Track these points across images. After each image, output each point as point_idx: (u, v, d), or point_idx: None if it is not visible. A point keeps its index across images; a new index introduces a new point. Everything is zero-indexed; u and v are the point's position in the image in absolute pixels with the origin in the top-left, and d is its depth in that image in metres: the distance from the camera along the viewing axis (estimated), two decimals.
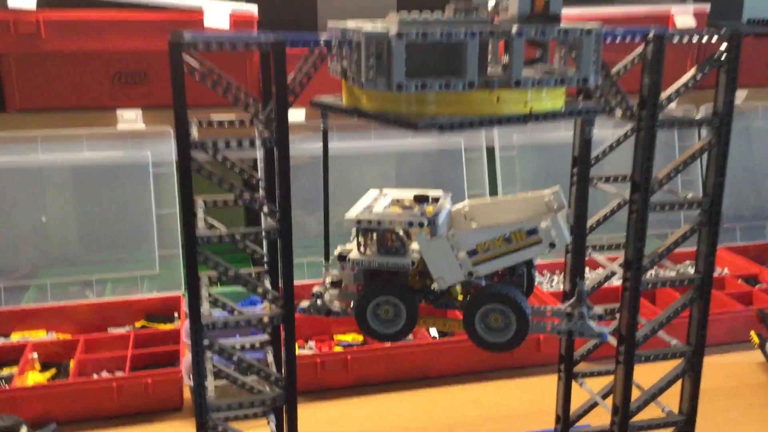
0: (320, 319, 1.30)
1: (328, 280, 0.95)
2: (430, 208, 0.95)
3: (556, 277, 1.79)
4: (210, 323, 0.84)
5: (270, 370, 0.88)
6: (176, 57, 0.75)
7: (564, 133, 1.90)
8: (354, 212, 0.90)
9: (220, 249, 1.71)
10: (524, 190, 1.82)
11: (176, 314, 1.57)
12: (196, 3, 1.59)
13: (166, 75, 0.75)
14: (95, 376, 1.33)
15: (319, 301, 0.93)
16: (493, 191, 1.86)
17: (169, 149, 1.66)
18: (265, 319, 0.85)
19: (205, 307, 0.90)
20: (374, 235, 0.91)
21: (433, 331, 1.52)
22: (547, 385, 1.38)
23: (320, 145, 0.92)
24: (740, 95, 1.98)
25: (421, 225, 0.87)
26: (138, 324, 1.55)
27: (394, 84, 0.76)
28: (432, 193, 0.97)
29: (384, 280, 0.91)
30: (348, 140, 1.78)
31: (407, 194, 0.97)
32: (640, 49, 0.95)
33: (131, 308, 1.56)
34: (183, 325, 1.43)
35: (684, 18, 1.82)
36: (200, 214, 0.91)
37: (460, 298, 0.94)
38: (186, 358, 1.32)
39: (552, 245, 0.87)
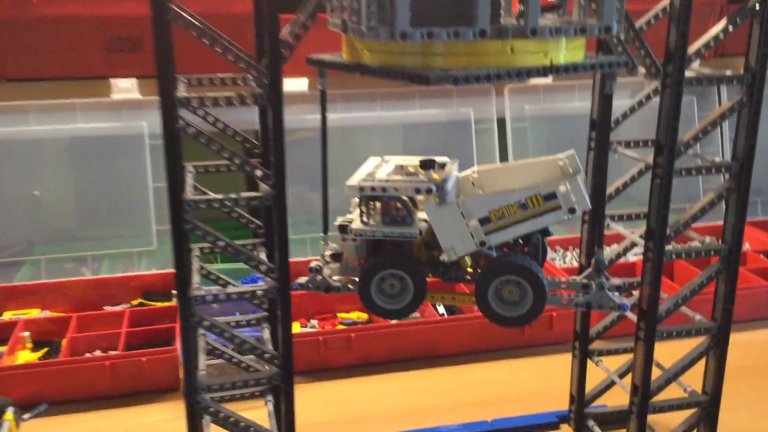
0: (323, 297, 1.24)
1: (327, 253, 0.88)
2: (436, 175, 0.88)
3: (569, 254, 1.72)
4: (198, 296, 0.78)
5: (264, 347, 0.81)
6: (160, 4, 0.68)
7: (578, 103, 1.82)
8: (356, 179, 0.83)
9: (221, 226, 1.66)
10: None
11: (174, 291, 1.50)
12: None
13: None
14: (88, 355, 1.28)
15: (318, 277, 0.86)
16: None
17: None
18: (259, 292, 0.79)
19: (195, 279, 0.84)
20: (377, 203, 0.84)
21: (441, 308, 1.45)
22: (560, 364, 1.31)
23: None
24: None
25: (428, 191, 0.80)
26: (135, 302, 1.49)
27: (398, 32, 0.69)
28: (438, 159, 0.90)
29: (389, 251, 0.85)
30: (352, 111, 1.71)
31: (411, 161, 0.91)
32: (663, 4, 0.87)
33: (128, 285, 1.50)
34: None
35: None
36: (189, 179, 0.85)
37: (470, 270, 0.88)
38: None
39: (572, 210, 0.80)
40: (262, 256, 0.94)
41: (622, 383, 1.05)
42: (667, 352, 1.00)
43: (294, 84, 1.61)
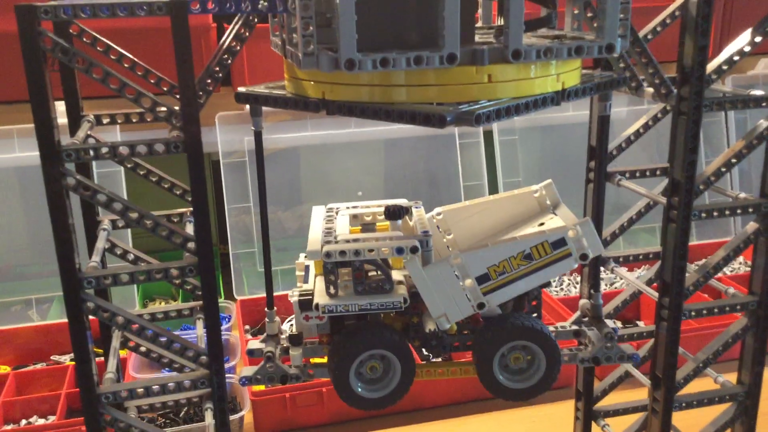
0: None
1: (277, 331, 0.72)
2: (408, 224, 0.73)
3: (566, 279, 1.57)
4: (109, 393, 0.62)
5: None
6: (29, 31, 0.52)
7: (571, 112, 1.67)
8: (316, 243, 0.67)
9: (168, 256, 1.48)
10: (527, 179, 1.58)
11: None
12: None
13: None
14: (23, 423, 1.12)
15: (268, 366, 0.69)
16: (492, 181, 1.63)
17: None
18: (186, 383, 0.63)
19: (111, 365, 0.68)
20: (346, 270, 0.68)
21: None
22: (558, 415, 1.17)
23: (297, 134, 0.70)
24: (765, 62, 1.74)
25: (413, 250, 0.65)
26: None
27: (343, 60, 0.54)
28: (394, 202, 0.75)
29: (360, 326, 0.68)
30: (327, 127, 1.56)
31: (366, 207, 0.77)
32: (675, 6, 0.73)
33: None
34: (131, 356, 1.21)
35: None
36: (101, 242, 0.69)
37: (453, 330, 0.72)
38: None
39: (584, 257, 0.67)
40: (200, 325, 0.78)
41: None
42: (682, 416, 0.85)
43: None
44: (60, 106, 1.42)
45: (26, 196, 1.51)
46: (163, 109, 0.58)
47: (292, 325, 0.72)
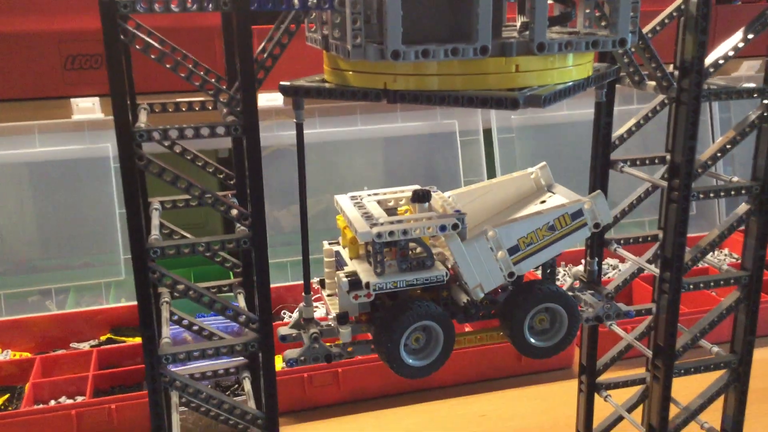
0: None
1: (312, 315, 0.77)
2: (432, 206, 0.80)
3: (560, 269, 1.64)
4: (169, 354, 0.68)
5: (247, 408, 0.72)
6: (110, 22, 0.59)
7: (566, 111, 1.75)
8: (363, 226, 0.71)
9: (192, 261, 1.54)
10: None
11: None
12: None
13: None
14: (53, 403, 1.17)
15: (315, 345, 0.74)
16: (491, 176, 1.70)
17: None
18: (239, 347, 0.70)
19: (165, 332, 0.75)
20: (392, 249, 0.72)
21: None
22: (560, 393, 1.24)
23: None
24: (750, 64, 1.83)
25: (455, 227, 0.71)
26: (103, 337, 1.38)
27: (389, 51, 0.60)
28: (407, 189, 0.82)
29: (406, 301, 0.73)
30: (331, 125, 1.62)
31: (386, 195, 0.82)
32: (673, 6, 0.80)
33: (96, 319, 1.40)
34: None
35: None
36: (155, 219, 0.75)
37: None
38: None
39: (597, 225, 0.76)
40: (240, 299, 0.84)
41: (633, 420, 0.97)
42: (677, 382, 0.92)
43: (267, 100, 1.51)
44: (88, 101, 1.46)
45: (39, 192, 1.56)
46: (224, 96, 0.65)
47: (300, 311, 0.77)
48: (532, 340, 0.76)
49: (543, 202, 0.85)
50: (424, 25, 0.64)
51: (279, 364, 1.30)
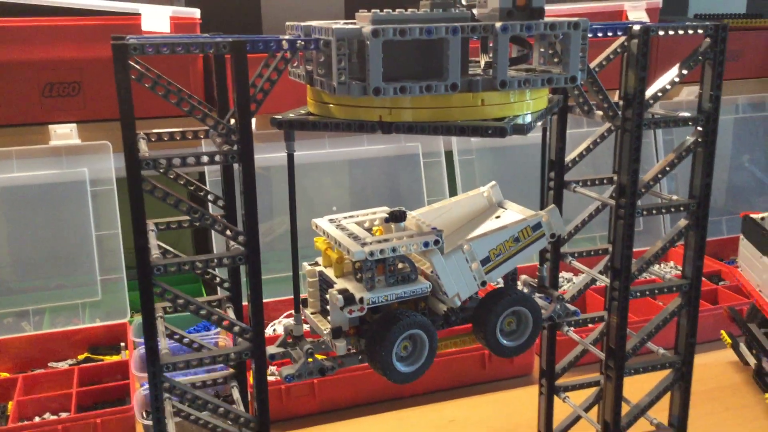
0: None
1: (303, 332, 0.83)
2: (411, 224, 0.88)
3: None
4: (170, 363, 0.74)
5: (239, 411, 0.78)
6: (122, 63, 0.65)
7: (518, 137, 1.85)
8: (355, 246, 0.77)
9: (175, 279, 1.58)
10: None
11: (122, 344, 1.45)
12: (132, 6, 1.48)
13: (101, 86, 0.67)
14: (37, 419, 1.21)
15: (309, 361, 0.80)
16: (453, 196, 1.79)
17: (107, 165, 1.54)
18: (233, 355, 0.76)
19: (162, 344, 0.80)
20: (378, 266, 0.78)
21: None
22: (522, 397, 1.32)
23: (269, 155, 0.81)
24: (690, 90, 1.97)
25: (436, 243, 0.79)
26: (81, 356, 1.42)
27: (371, 88, 0.68)
28: (379, 210, 0.90)
29: (394, 314, 0.79)
30: (300, 149, 1.68)
31: (362, 216, 0.89)
32: (617, 44, 0.90)
33: (73, 339, 1.44)
34: (132, 357, 1.31)
35: (637, 13, 1.80)
36: (153, 239, 0.81)
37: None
38: (137, 394, 1.21)
39: (553, 236, 0.86)
40: (230, 312, 0.91)
41: (589, 418, 1.06)
42: (628, 383, 1.01)
43: None
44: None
45: (16, 215, 1.58)
46: (222, 126, 0.72)
47: (274, 329, 0.84)
48: (503, 341, 0.84)
49: (498, 217, 0.94)
50: (401, 65, 0.72)
51: None
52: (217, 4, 1.85)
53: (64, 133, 1.50)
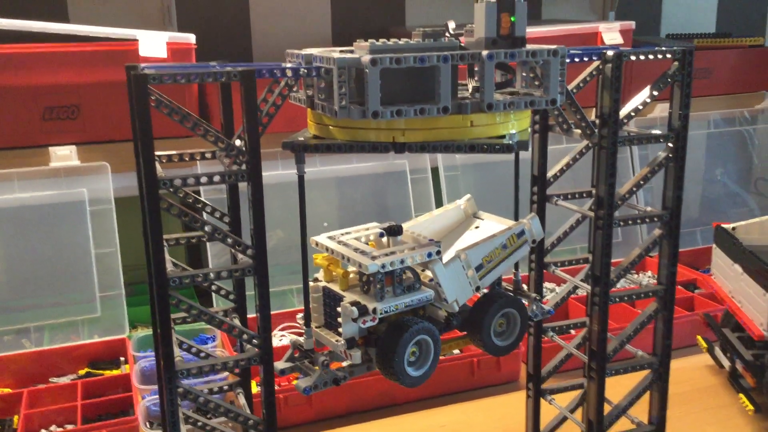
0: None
1: (314, 345, 0.87)
2: (408, 236, 0.93)
3: None
4: (183, 369, 0.80)
5: (248, 414, 0.84)
6: (141, 92, 0.71)
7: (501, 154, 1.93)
8: (365, 260, 0.82)
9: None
10: None
11: (122, 359, 1.49)
12: (129, 33, 1.53)
13: (99, 109, 0.72)
14: None
15: (324, 372, 0.85)
16: None
17: (106, 186, 1.59)
18: (242, 362, 0.82)
19: (175, 351, 0.86)
20: (386, 277, 0.83)
21: None
22: (509, 402, 1.38)
23: (264, 173, 0.84)
24: (663, 107, 2.06)
25: (438, 253, 0.86)
26: (82, 371, 1.46)
27: (370, 112, 0.75)
28: (371, 226, 0.96)
29: (403, 322, 0.84)
30: (292, 167, 1.75)
31: (357, 232, 0.94)
32: (592, 67, 0.97)
33: (73, 355, 1.48)
34: (133, 370, 1.36)
35: (611, 35, 1.89)
36: (165, 254, 0.87)
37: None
38: (141, 405, 1.26)
39: (535, 241, 0.95)
40: (236, 322, 0.96)
41: (574, 419, 1.12)
42: (610, 385, 1.08)
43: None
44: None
45: (17, 235, 1.63)
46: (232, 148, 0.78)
47: (297, 344, 0.88)
48: (496, 341, 0.91)
49: (477, 227, 1.01)
50: (397, 90, 0.78)
51: (254, 388, 1.41)
52: (210, 29, 1.92)
53: (64, 155, 1.55)
